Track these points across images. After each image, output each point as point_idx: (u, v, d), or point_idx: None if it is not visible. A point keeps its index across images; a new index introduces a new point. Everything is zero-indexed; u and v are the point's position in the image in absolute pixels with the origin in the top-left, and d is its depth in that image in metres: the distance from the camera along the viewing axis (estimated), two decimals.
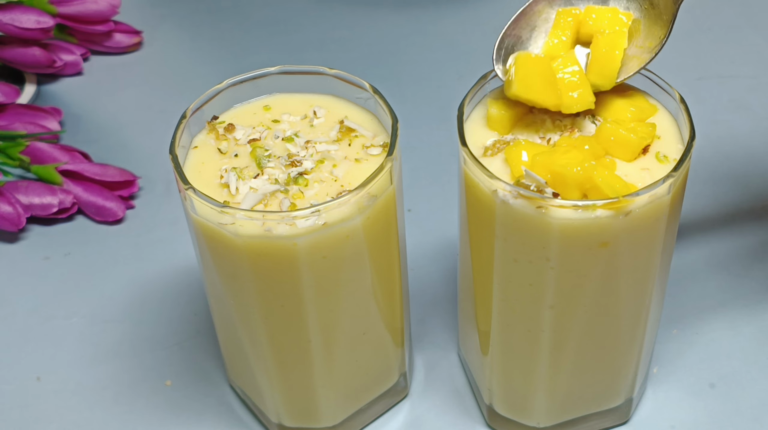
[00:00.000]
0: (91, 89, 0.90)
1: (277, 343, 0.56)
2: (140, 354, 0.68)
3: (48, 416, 0.65)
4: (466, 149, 0.52)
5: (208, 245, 0.53)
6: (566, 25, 0.54)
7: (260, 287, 0.53)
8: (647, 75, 0.56)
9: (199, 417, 0.64)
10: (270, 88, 0.58)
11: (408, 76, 0.89)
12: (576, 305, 0.54)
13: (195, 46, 0.96)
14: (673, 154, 0.52)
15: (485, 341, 0.59)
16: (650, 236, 0.52)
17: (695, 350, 0.66)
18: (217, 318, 0.60)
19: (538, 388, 0.59)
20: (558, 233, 0.50)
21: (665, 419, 0.63)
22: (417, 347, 0.67)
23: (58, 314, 0.71)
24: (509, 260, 0.53)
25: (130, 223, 0.78)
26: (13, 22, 0.84)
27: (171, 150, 0.53)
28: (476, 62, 0.90)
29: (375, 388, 0.62)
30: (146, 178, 0.80)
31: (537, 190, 0.49)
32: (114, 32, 0.93)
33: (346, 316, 0.56)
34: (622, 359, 0.58)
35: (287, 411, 0.61)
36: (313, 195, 0.52)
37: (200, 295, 0.71)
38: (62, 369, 0.68)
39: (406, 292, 0.61)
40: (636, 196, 0.49)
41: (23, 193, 0.76)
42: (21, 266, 0.75)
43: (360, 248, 0.53)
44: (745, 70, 0.88)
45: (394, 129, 0.53)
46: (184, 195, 0.52)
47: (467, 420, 0.64)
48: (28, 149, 0.79)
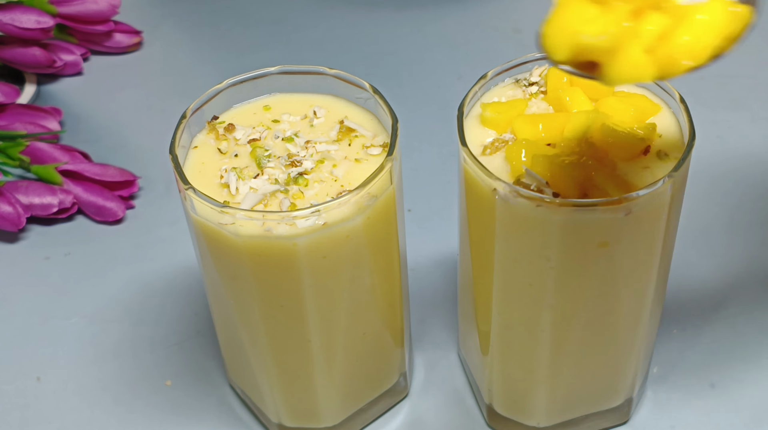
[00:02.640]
0: (91, 89, 0.90)
1: (277, 343, 0.56)
2: (140, 354, 0.68)
3: (48, 416, 0.65)
4: (466, 149, 0.52)
5: (208, 245, 0.53)
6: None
7: (260, 287, 0.53)
8: None
9: (199, 417, 0.64)
10: (270, 88, 0.58)
11: (408, 76, 0.89)
12: (576, 304, 0.54)
13: (195, 46, 0.96)
14: (674, 153, 0.52)
15: (485, 341, 0.59)
16: (650, 236, 0.52)
17: (695, 350, 0.66)
18: (217, 318, 0.60)
19: (538, 388, 0.59)
20: (558, 233, 0.50)
21: (665, 419, 0.63)
22: (417, 347, 0.67)
23: (58, 314, 0.71)
24: (509, 259, 0.53)
25: (130, 223, 0.78)
26: (13, 22, 0.84)
27: (171, 150, 0.53)
28: (476, 62, 0.90)
29: (375, 388, 0.62)
30: (146, 178, 0.80)
31: (537, 189, 0.49)
32: (114, 32, 0.93)
33: (346, 316, 0.56)
34: (622, 359, 0.58)
35: (287, 411, 0.61)
36: (313, 195, 0.52)
37: (200, 295, 0.71)
38: (62, 369, 0.68)
39: (406, 292, 0.61)
40: (636, 195, 0.49)
41: (23, 193, 0.76)
42: (21, 266, 0.75)
43: (360, 248, 0.53)
44: (745, 70, 0.88)
45: (394, 129, 0.53)
46: (184, 195, 0.52)
47: (467, 420, 0.64)
48: (28, 149, 0.79)
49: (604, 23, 0.42)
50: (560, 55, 0.44)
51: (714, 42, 0.43)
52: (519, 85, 0.57)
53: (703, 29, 0.42)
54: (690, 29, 0.42)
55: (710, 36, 0.42)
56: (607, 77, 0.43)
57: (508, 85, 0.58)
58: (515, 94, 0.57)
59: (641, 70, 0.43)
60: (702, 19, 0.42)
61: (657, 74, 0.43)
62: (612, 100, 0.55)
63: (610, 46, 0.42)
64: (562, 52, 0.44)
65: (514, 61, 0.57)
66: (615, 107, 0.54)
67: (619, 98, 0.55)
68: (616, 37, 0.42)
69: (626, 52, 0.42)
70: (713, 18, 0.42)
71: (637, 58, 0.42)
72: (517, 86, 0.57)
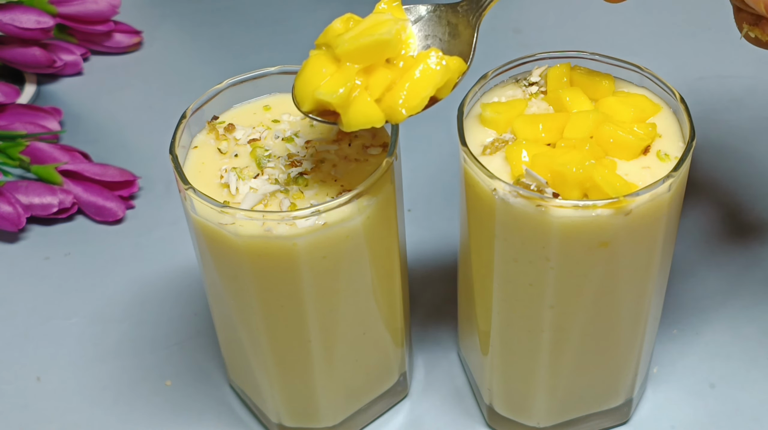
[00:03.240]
0: (91, 89, 0.90)
1: (277, 343, 0.56)
2: (140, 354, 0.68)
3: (48, 416, 0.65)
4: (466, 149, 0.52)
5: (208, 245, 0.53)
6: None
7: (260, 287, 0.53)
8: (648, 75, 0.56)
9: (199, 417, 0.64)
10: (270, 88, 0.58)
11: None
12: (576, 304, 0.54)
13: (195, 46, 0.96)
14: (674, 152, 0.52)
15: (485, 341, 0.59)
16: (650, 236, 0.52)
17: (695, 350, 0.66)
18: (217, 318, 0.60)
19: (538, 388, 0.59)
20: (558, 233, 0.50)
21: (665, 419, 0.63)
22: (417, 347, 0.67)
23: (58, 314, 0.71)
24: (509, 259, 0.53)
25: (130, 223, 0.78)
26: (13, 22, 0.84)
27: (171, 150, 0.53)
28: (476, 62, 0.90)
29: (375, 388, 0.62)
30: (146, 178, 0.80)
31: (537, 189, 0.49)
32: (114, 32, 0.93)
33: (346, 316, 0.56)
34: (622, 359, 0.58)
35: (287, 411, 0.61)
36: (313, 195, 0.52)
37: (200, 295, 0.71)
38: (62, 369, 0.68)
39: (406, 292, 0.61)
40: (636, 195, 0.49)
41: (23, 193, 0.76)
42: (21, 266, 0.75)
43: (360, 248, 0.53)
44: (745, 70, 0.88)
45: (394, 129, 0.53)
46: (184, 195, 0.52)
47: (467, 420, 0.64)
48: (28, 149, 0.79)
49: (337, 81, 0.49)
50: (305, 107, 0.51)
51: (426, 93, 0.49)
52: (519, 85, 0.57)
53: (418, 85, 0.49)
54: (408, 84, 0.49)
55: (423, 90, 0.49)
56: (343, 124, 0.49)
57: (508, 85, 0.58)
58: (515, 94, 0.57)
59: (371, 117, 0.49)
60: (418, 75, 0.49)
61: (386, 119, 0.49)
62: (612, 100, 0.55)
63: (342, 101, 0.48)
64: (306, 105, 0.50)
65: (514, 62, 0.57)
66: (615, 107, 0.54)
67: (619, 98, 0.55)
68: (347, 94, 0.48)
69: (357, 103, 0.48)
70: (427, 74, 0.49)
71: (366, 107, 0.49)
72: (517, 86, 0.57)
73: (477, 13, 0.53)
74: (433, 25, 0.53)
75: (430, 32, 0.53)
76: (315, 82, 0.49)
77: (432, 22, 0.53)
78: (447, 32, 0.53)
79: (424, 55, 0.50)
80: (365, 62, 0.49)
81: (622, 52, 0.59)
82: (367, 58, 0.49)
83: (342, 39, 0.49)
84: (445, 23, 0.53)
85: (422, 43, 0.53)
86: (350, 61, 0.49)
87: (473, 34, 0.53)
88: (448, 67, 0.50)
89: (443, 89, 0.50)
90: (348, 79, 0.48)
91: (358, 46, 0.48)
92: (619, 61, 0.57)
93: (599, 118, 0.53)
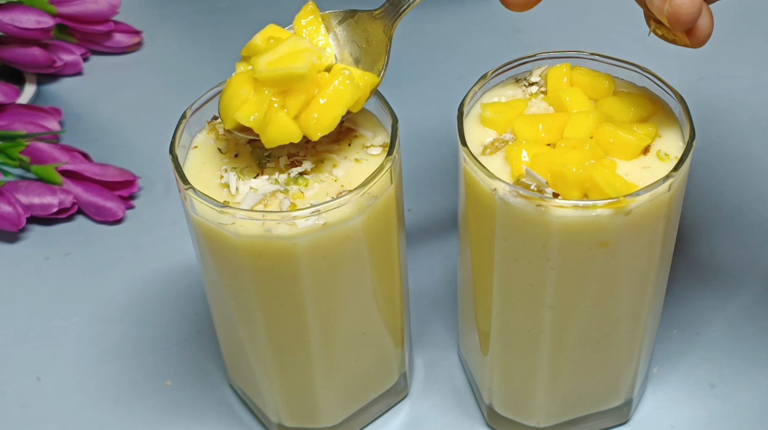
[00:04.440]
0: (91, 89, 0.90)
1: (277, 343, 0.56)
2: (140, 354, 0.68)
3: (48, 416, 0.65)
4: (466, 149, 0.52)
5: (208, 245, 0.53)
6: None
7: (260, 287, 0.53)
8: (648, 75, 0.56)
9: (199, 417, 0.64)
10: None
11: (408, 76, 0.89)
12: (576, 305, 0.53)
13: (195, 46, 0.96)
14: (674, 152, 0.52)
15: (485, 341, 0.59)
16: (650, 236, 0.52)
17: (695, 350, 0.66)
18: (217, 318, 0.60)
19: (538, 388, 0.59)
20: (558, 233, 0.50)
21: (665, 419, 0.63)
22: (417, 347, 0.67)
23: (58, 314, 0.71)
24: (509, 259, 0.53)
25: (130, 223, 0.78)
26: (13, 22, 0.84)
27: (171, 150, 0.53)
28: (476, 62, 0.90)
29: (375, 388, 0.62)
30: (146, 178, 0.80)
31: (537, 189, 0.49)
32: (114, 32, 0.93)
33: (346, 316, 0.56)
34: (622, 359, 0.58)
35: (287, 411, 0.61)
36: (313, 195, 0.52)
37: (200, 295, 0.71)
38: (62, 369, 0.68)
39: (406, 292, 0.61)
40: (636, 195, 0.49)
41: (23, 193, 0.76)
42: (21, 266, 0.75)
43: (360, 248, 0.53)
44: (745, 70, 0.88)
45: (394, 129, 0.53)
46: (184, 195, 0.52)
47: (467, 420, 0.64)
48: (28, 149, 0.79)
49: (253, 106, 0.51)
50: (227, 126, 0.53)
51: (338, 113, 0.51)
52: (519, 85, 0.57)
53: (329, 105, 0.51)
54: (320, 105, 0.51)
55: (335, 110, 0.51)
56: (264, 141, 0.51)
57: (508, 85, 0.58)
58: (515, 94, 0.57)
59: (288, 134, 0.51)
60: (328, 97, 0.51)
61: (303, 134, 0.51)
62: (612, 100, 0.55)
63: (258, 124, 0.51)
64: (228, 124, 0.52)
65: (514, 62, 0.57)
66: (615, 107, 0.54)
67: (619, 98, 0.55)
68: (262, 118, 0.51)
69: (275, 121, 0.51)
70: (338, 95, 0.51)
71: (283, 125, 0.51)
72: (517, 86, 0.57)
73: (391, 22, 0.54)
74: (351, 30, 0.55)
75: (348, 38, 0.55)
76: (234, 105, 0.51)
77: (350, 28, 0.55)
78: (364, 38, 0.55)
79: (336, 72, 0.52)
80: (281, 88, 0.51)
81: (622, 52, 0.59)
82: (283, 86, 0.51)
83: (260, 63, 0.51)
84: (362, 29, 0.55)
85: (341, 49, 0.55)
86: (266, 87, 0.51)
87: (387, 42, 0.54)
88: (357, 86, 0.52)
89: (356, 105, 0.52)
90: (263, 103, 0.51)
91: (274, 76, 0.50)
92: (619, 61, 0.57)
93: (599, 118, 0.53)
